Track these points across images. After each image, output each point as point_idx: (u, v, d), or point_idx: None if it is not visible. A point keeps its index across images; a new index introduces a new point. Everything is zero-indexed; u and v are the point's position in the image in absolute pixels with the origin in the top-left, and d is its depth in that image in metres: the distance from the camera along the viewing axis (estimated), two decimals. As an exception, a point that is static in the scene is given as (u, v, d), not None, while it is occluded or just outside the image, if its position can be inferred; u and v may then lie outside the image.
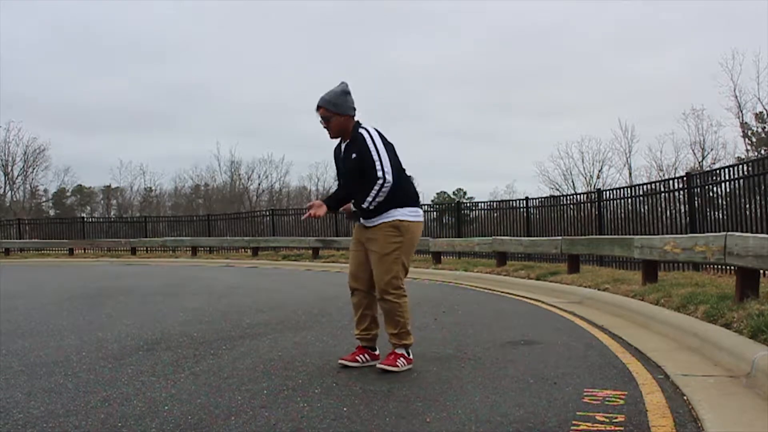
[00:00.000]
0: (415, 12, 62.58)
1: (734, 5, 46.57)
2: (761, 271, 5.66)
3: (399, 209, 3.97)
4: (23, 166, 44.92)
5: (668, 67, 52.32)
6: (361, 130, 4.01)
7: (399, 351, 3.99)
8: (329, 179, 49.61)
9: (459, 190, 53.09)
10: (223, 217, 27.01)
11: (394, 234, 3.96)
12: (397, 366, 3.90)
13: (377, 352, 4.15)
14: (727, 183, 9.54)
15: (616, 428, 2.78)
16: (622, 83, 53.90)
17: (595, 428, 2.78)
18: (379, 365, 3.92)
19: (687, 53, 51.47)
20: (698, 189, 10.46)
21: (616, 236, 11.04)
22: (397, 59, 62.59)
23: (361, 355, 4.09)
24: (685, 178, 11.10)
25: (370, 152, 3.93)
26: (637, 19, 54.23)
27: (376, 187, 3.89)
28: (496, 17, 61.44)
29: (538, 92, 59.29)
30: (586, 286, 8.35)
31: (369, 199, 3.92)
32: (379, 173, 3.89)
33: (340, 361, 4.08)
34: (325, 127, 4.08)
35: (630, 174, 37.91)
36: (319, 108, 4.04)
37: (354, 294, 4.14)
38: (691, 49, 50.87)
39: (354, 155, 3.99)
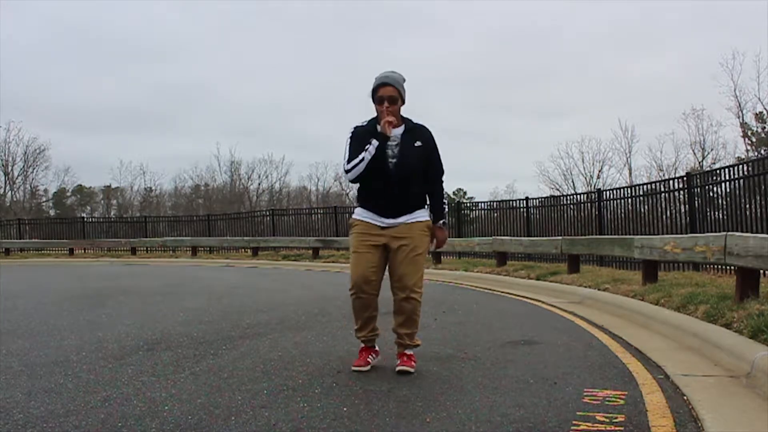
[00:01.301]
0: (414, 12, 62.66)
1: (734, 5, 46.62)
2: (761, 271, 5.65)
3: (426, 210, 4.02)
4: (23, 166, 44.99)
5: (668, 67, 52.38)
6: (422, 123, 4.00)
7: (409, 352, 3.98)
8: (329, 179, 49.61)
9: (459, 190, 53.05)
10: (223, 217, 27.01)
11: (426, 234, 3.98)
12: (414, 367, 3.90)
13: (377, 348, 4.15)
14: (727, 183, 9.54)
15: (616, 428, 2.78)
16: (622, 83, 53.94)
17: (595, 428, 2.78)
18: (399, 368, 3.86)
19: (687, 53, 51.51)
20: (698, 189, 10.46)
21: (616, 236, 11.04)
22: (396, 59, 62.47)
23: (370, 356, 4.07)
24: (685, 178, 11.10)
25: (437, 148, 3.98)
26: (636, 19, 54.28)
27: (443, 185, 4.03)
28: (495, 17, 61.53)
29: (538, 92, 59.36)
30: (586, 286, 8.35)
31: (445, 201, 4.05)
32: (443, 168, 4.01)
33: (354, 368, 3.93)
34: (387, 109, 3.79)
35: (630, 174, 37.96)
36: (385, 86, 3.79)
37: (361, 297, 3.91)
38: (691, 49, 50.92)
39: (419, 143, 3.90)
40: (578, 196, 16.27)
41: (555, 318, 6.46)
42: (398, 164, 3.85)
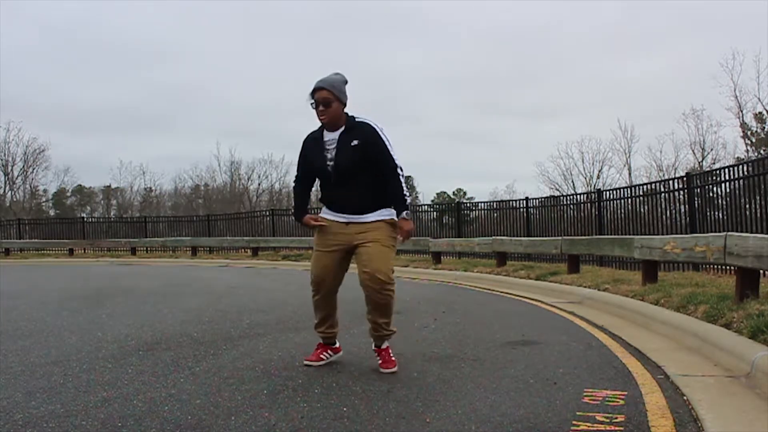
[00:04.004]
0: (413, 14, 62.63)
1: (734, 5, 46.61)
2: (761, 271, 5.65)
3: (391, 209, 3.97)
4: (23, 166, 44.97)
5: (668, 67, 52.38)
6: (364, 120, 3.96)
7: (386, 346, 4.00)
8: (329, 179, 49.53)
9: (459, 190, 53.17)
10: (223, 217, 27.02)
11: (393, 231, 3.95)
12: (395, 361, 3.94)
13: (337, 345, 4.23)
14: (727, 183, 9.54)
15: (616, 428, 2.78)
16: (622, 83, 53.95)
17: (595, 428, 2.78)
18: (383, 370, 3.88)
19: (687, 53, 51.50)
20: (698, 189, 10.47)
21: (616, 236, 11.04)
22: (394, 60, 62.68)
23: (324, 353, 4.13)
24: (685, 178, 11.10)
25: (383, 142, 3.90)
26: (636, 18, 54.29)
27: (401, 178, 3.93)
28: (493, 17, 61.52)
29: (537, 92, 59.35)
30: (586, 286, 8.35)
31: (405, 193, 3.92)
32: (398, 161, 3.92)
33: (305, 362, 4.09)
34: (320, 112, 3.88)
35: (630, 174, 37.96)
36: (319, 90, 3.85)
37: (319, 295, 4.04)
38: (692, 49, 50.91)
39: (356, 142, 3.86)
40: (578, 196, 16.28)
41: (555, 318, 6.46)
42: (334, 166, 3.92)
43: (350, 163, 3.89)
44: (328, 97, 3.86)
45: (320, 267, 4.01)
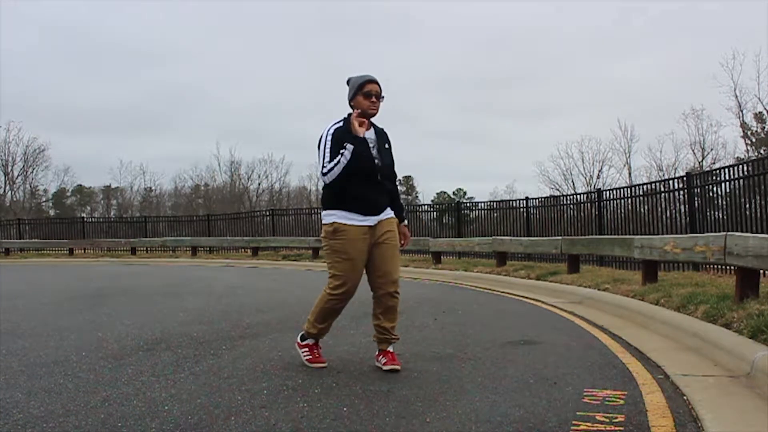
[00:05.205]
0: (412, 14, 62.64)
1: (734, 5, 46.61)
2: (761, 271, 5.65)
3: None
4: (23, 166, 44.97)
5: (668, 66, 52.38)
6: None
7: (390, 349, 3.99)
8: (329, 179, 49.51)
9: (459, 190, 53.18)
10: (223, 217, 27.01)
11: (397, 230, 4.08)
12: (399, 361, 3.95)
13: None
14: (727, 183, 9.54)
15: (616, 428, 2.78)
16: (622, 83, 53.97)
17: (595, 428, 2.78)
18: (388, 367, 3.88)
19: (687, 52, 51.50)
20: (698, 189, 10.46)
21: (616, 236, 11.04)
22: (394, 60, 62.59)
23: (320, 351, 4.12)
24: (685, 178, 11.10)
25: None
26: (635, 17, 54.28)
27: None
28: (493, 16, 61.51)
29: (537, 92, 59.37)
30: (586, 286, 8.34)
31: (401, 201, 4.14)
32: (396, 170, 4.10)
33: (318, 366, 4.00)
34: (372, 103, 3.90)
35: (630, 174, 37.96)
36: (375, 83, 3.93)
37: (344, 303, 3.99)
38: (692, 48, 50.91)
39: (387, 145, 4.01)
40: (578, 196, 16.27)
41: (555, 318, 6.46)
42: (381, 166, 3.94)
43: (391, 165, 4.01)
44: (379, 93, 3.93)
45: (358, 275, 3.93)
